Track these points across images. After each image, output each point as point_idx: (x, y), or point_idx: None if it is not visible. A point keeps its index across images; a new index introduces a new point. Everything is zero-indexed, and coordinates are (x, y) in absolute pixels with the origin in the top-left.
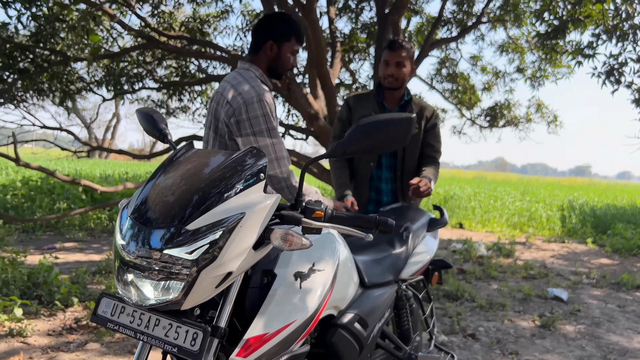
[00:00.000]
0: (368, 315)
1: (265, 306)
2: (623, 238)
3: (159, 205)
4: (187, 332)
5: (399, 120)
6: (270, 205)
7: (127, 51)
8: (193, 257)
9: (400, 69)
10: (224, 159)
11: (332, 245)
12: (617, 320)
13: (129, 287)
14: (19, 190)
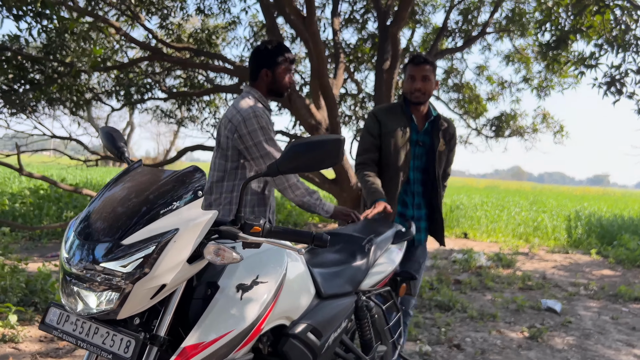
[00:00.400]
0: (323, 326)
1: (205, 316)
2: (627, 249)
3: (99, 221)
4: (121, 339)
5: (330, 141)
6: (206, 222)
7: (133, 63)
8: (127, 270)
9: (427, 82)
10: (166, 177)
11: (278, 259)
12: (608, 332)
13: (71, 297)
14: (28, 199)
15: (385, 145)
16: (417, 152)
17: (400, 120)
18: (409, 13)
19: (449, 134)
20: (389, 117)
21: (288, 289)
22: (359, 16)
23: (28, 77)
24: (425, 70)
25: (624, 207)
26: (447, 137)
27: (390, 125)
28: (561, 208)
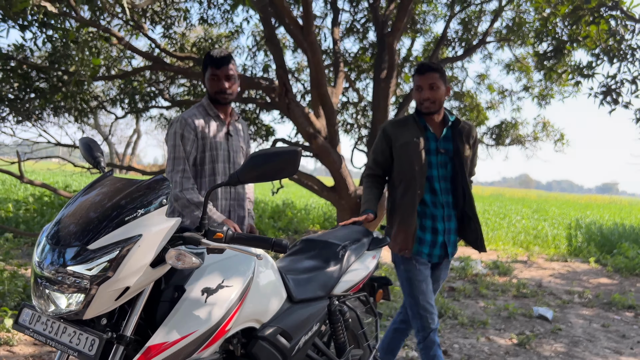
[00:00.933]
0: (293, 329)
1: (170, 317)
2: (626, 258)
3: (69, 227)
4: (87, 338)
5: (287, 152)
6: (169, 228)
7: (136, 72)
8: (93, 272)
9: (435, 91)
10: (134, 186)
11: (245, 264)
12: (597, 340)
13: (41, 299)
14: (31, 206)
15: (397, 159)
16: (439, 160)
17: (413, 132)
18: (409, 23)
19: (472, 136)
20: (400, 130)
21: (255, 293)
22: (359, 25)
23: (33, 85)
24: (432, 78)
25: (627, 215)
26: (471, 140)
27: (402, 137)
28: (563, 216)
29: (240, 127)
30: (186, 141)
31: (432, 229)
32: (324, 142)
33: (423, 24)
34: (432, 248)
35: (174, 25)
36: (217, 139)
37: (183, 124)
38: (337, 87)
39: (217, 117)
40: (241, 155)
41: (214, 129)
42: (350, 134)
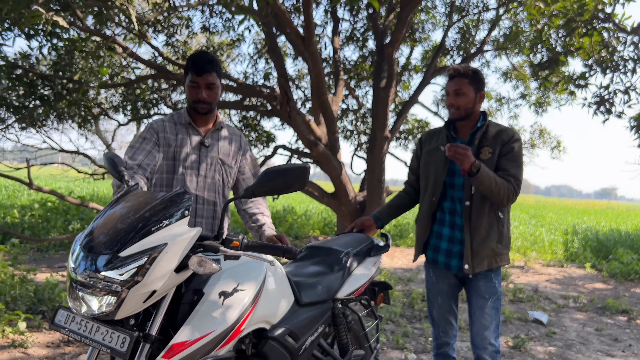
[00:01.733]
0: (300, 329)
1: (191, 318)
2: (621, 263)
3: (101, 236)
4: (118, 336)
5: (297, 169)
6: (191, 237)
7: (140, 80)
8: (123, 278)
9: (460, 97)
10: (158, 199)
11: (257, 270)
12: (590, 343)
13: (77, 301)
14: (37, 211)
15: (422, 166)
16: (458, 168)
17: (441, 139)
18: (408, 32)
19: (501, 140)
20: (432, 137)
21: (266, 296)
22: (359, 34)
23: (38, 93)
24: (458, 84)
25: (623, 221)
26: (498, 143)
27: (430, 145)
28: (560, 222)
29: (226, 136)
30: (147, 142)
31: (449, 238)
32: (325, 150)
33: (422, 32)
34: (448, 257)
35: (177, 33)
36: (186, 149)
37: (148, 127)
38: (337, 95)
39: (190, 126)
40: (219, 169)
41: (184, 138)
42: (350, 140)
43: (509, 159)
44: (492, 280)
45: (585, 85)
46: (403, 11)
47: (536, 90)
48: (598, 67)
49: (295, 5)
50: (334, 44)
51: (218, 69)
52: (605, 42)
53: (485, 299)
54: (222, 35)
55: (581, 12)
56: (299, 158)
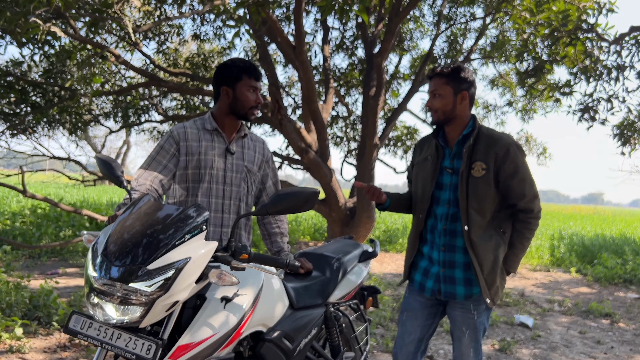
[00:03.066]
0: (295, 332)
1: (194, 322)
2: (605, 267)
3: (124, 248)
4: (143, 344)
5: (307, 193)
6: (209, 251)
7: (131, 88)
8: (151, 290)
9: (436, 99)
10: (176, 213)
11: (256, 276)
12: (573, 346)
13: (95, 308)
14: (27, 218)
15: (413, 179)
16: (445, 181)
17: (431, 147)
18: (397, 41)
19: (494, 153)
20: (424, 146)
21: (264, 300)
22: (348, 43)
23: (29, 100)
24: (435, 84)
25: (608, 226)
26: (491, 156)
27: (421, 153)
28: (547, 227)
29: (250, 144)
30: (164, 153)
31: (428, 257)
32: (315, 157)
33: (410, 40)
34: (424, 277)
35: (168, 41)
36: (211, 157)
37: (167, 135)
38: (327, 102)
39: (216, 132)
40: (245, 177)
41: (209, 145)
42: (340, 147)
43: (520, 180)
44: (470, 311)
45: (570, 93)
46: (392, 22)
47: (522, 98)
48: (582, 75)
49: (286, 14)
50: (324, 52)
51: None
52: (589, 51)
53: (462, 331)
54: (212, 43)
55: (565, 22)
56: (290, 164)
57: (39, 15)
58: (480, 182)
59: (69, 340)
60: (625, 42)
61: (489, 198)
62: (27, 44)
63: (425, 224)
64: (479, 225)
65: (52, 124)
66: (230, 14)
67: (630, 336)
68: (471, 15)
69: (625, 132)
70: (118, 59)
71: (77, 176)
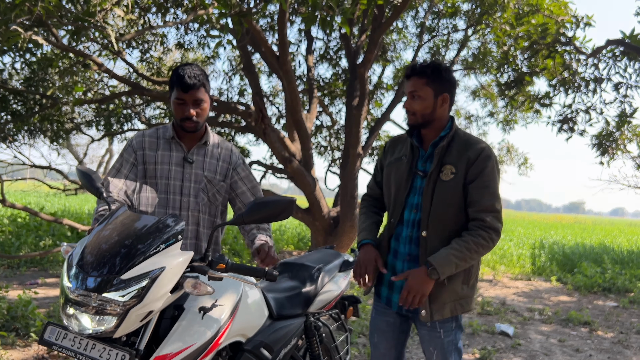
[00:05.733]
0: (274, 342)
1: (172, 332)
2: (585, 276)
3: (99, 258)
4: (117, 354)
5: (284, 202)
6: (186, 261)
7: (114, 97)
8: (124, 299)
9: (414, 100)
10: (153, 223)
11: (235, 286)
12: (553, 354)
13: (70, 318)
14: (6, 227)
15: (385, 180)
16: (416, 184)
17: (405, 147)
18: (380, 52)
19: (467, 157)
20: (397, 146)
21: (243, 311)
22: (332, 53)
23: (10, 108)
24: (414, 85)
25: (589, 235)
26: (463, 160)
27: (393, 155)
28: (528, 236)
29: (215, 152)
30: (125, 163)
31: (392, 267)
32: (299, 166)
33: (393, 51)
34: (390, 291)
35: (151, 49)
36: (167, 166)
37: (127, 145)
38: (311, 112)
39: (173, 140)
40: (205, 187)
41: (166, 154)
42: (324, 156)
43: (480, 186)
44: (436, 329)
45: (549, 104)
46: (375, 33)
47: (503, 109)
48: (561, 87)
49: (270, 24)
50: (308, 62)
51: (207, 83)
52: (567, 64)
53: (430, 351)
54: (197, 52)
55: (544, 35)
56: (274, 173)
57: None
58: (447, 187)
59: (47, 351)
60: (602, 55)
61: (454, 205)
62: (8, 52)
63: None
64: (440, 233)
65: (33, 132)
66: (213, 23)
67: (609, 344)
68: (453, 27)
69: (603, 143)
70: (101, 67)
71: (59, 185)
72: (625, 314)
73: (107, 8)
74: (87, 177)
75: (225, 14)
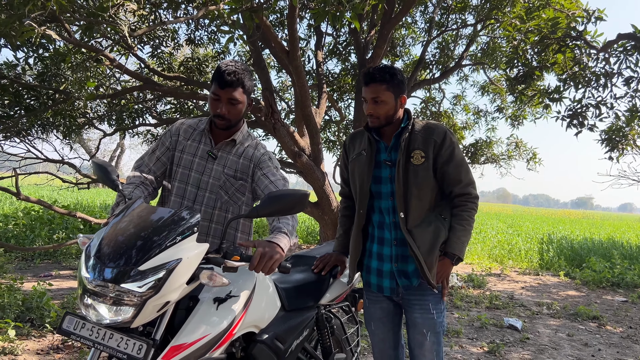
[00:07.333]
0: (286, 333)
1: (187, 323)
2: (593, 271)
3: (116, 249)
4: (134, 344)
5: (298, 194)
6: (201, 253)
7: (126, 92)
8: (142, 290)
9: (378, 105)
10: (169, 215)
11: (248, 278)
12: (561, 348)
13: (88, 308)
14: (21, 220)
15: (350, 175)
16: (389, 174)
17: (364, 142)
18: (389, 47)
19: (433, 141)
20: (356, 141)
21: (256, 302)
22: (341, 48)
23: (23, 103)
24: (375, 91)
25: (597, 230)
26: (430, 144)
27: (354, 150)
28: (536, 231)
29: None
30: (160, 146)
31: (378, 255)
32: (308, 160)
33: (402, 46)
34: (379, 278)
35: (162, 45)
36: (191, 157)
37: (167, 129)
38: (320, 107)
39: (205, 134)
40: (224, 184)
41: (194, 145)
42: (333, 151)
43: (456, 165)
44: (429, 310)
45: (559, 99)
46: (384, 28)
47: (512, 104)
48: (571, 82)
49: (280, 20)
50: (317, 58)
51: (246, 83)
52: (577, 58)
53: (423, 334)
54: (207, 48)
55: (555, 29)
56: (283, 168)
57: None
58: (420, 170)
59: (62, 342)
60: (613, 50)
61: (428, 185)
62: (22, 47)
63: (370, 220)
64: (418, 212)
65: (46, 126)
66: (224, 19)
67: (617, 339)
68: (462, 22)
69: (613, 138)
70: (113, 62)
71: (71, 179)
72: (635, 309)
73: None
74: (102, 169)
75: (236, 10)
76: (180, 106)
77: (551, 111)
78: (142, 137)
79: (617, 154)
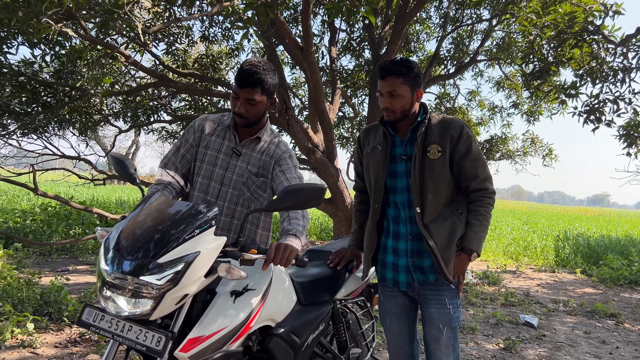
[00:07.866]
0: (302, 327)
1: (205, 315)
2: (611, 269)
3: (135, 242)
4: (153, 336)
5: (314, 188)
6: (218, 246)
7: (141, 88)
8: (160, 283)
9: (395, 99)
10: (187, 208)
11: (265, 272)
12: (578, 345)
13: (107, 301)
14: (38, 216)
15: (365, 170)
16: (404, 168)
17: (379, 136)
18: (403, 42)
19: (450, 135)
20: (370, 136)
21: (273, 296)
22: (355, 44)
23: (40, 100)
24: (392, 85)
25: (614, 227)
26: (447, 138)
27: (369, 145)
28: (552, 228)
29: (263, 147)
30: (184, 143)
31: (393, 250)
32: (322, 157)
33: (417, 42)
34: (395, 272)
35: (177, 42)
36: (215, 153)
37: (190, 125)
38: (334, 103)
39: (229, 129)
40: (246, 181)
41: (218, 141)
42: (346, 147)
43: (472, 160)
44: (445, 305)
45: (576, 94)
46: (398, 23)
47: (528, 100)
48: (588, 77)
49: (294, 16)
50: (331, 54)
51: (266, 83)
52: (595, 53)
53: (440, 329)
54: (221, 44)
55: (571, 24)
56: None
57: (50, 16)
58: (436, 164)
59: (80, 335)
60: (631, 44)
61: (445, 180)
62: (39, 44)
63: (385, 215)
64: (434, 207)
65: (62, 123)
66: (238, 15)
67: (636, 337)
68: (477, 17)
69: (631, 133)
70: (128, 59)
71: (87, 175)
72: None
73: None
74: (120, 163)
75: (251, 5)
76: (195, 103)
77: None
78: (157, 133)
79: (635, 149)
